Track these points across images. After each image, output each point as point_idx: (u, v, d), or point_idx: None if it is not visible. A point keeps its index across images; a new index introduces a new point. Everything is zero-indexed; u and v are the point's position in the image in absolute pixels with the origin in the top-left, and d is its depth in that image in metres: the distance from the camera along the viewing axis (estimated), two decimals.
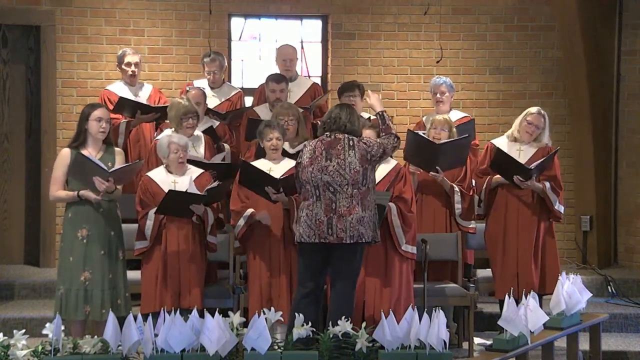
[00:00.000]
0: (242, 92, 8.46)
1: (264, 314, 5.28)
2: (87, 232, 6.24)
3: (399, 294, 6.41)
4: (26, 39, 8.92)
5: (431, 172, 7.01)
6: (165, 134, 7.07)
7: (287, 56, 8.19)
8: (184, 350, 5.12)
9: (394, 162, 6.64)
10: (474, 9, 9.24)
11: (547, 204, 6.93)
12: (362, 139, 5.98)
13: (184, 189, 6.52)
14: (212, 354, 5.10)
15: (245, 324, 5.37)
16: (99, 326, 6.14)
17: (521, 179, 6.81)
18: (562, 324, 5.97)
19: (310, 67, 9.36)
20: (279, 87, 7.74)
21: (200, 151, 7.25)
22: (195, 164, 6.83)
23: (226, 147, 7.69)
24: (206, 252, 6.68)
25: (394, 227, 6.44)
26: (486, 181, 7.04)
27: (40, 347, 5.16)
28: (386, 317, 5.23)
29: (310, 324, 5.37)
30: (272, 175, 6.46)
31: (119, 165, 6.32)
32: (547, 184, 6.91)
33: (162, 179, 6.61)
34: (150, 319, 5.16)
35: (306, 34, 9.37)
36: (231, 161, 7.54)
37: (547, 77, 9.28)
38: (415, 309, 5.38)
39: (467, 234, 7.23)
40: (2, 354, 5.10)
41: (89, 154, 6.20)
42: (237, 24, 9.31)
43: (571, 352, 6.24)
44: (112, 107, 7.73)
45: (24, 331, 5.24)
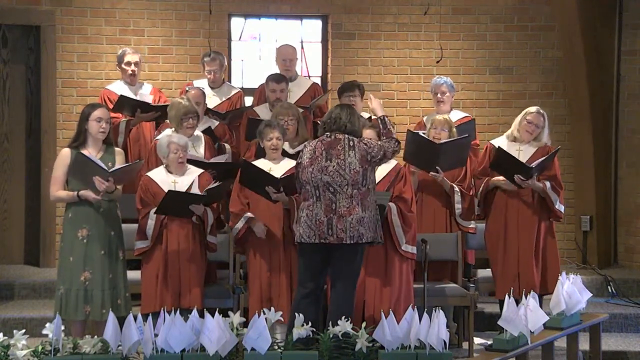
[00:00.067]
0: (242, 92, 8.46)
1: (264, 314, 5.28)
2: (87, 232, 6.24)
3: (399, 294, 6.41)
4: (26, 39, 8.91)
5: (431, 172, 7.01)
6: (165, 134, 7.06)
7: (287, 56, 8.19)
8: (184, 350, 5.12)
9: (394, 162, 6.63)
10: (474, 9, 9.24)
11: (547, 203, 6.93)
12: (362, 140, 5.98)
13: (184, 189, 6.52)
14: (212, 354, 5.09)
15: (245, 324, 5.36)
16: (99, 326, 6.14)
17: (522, 178, 6.82)
18: (562, 324, 5.96)
19: (310, 67, 9.36)
20: (279, 87, 7.74)
21: (200, 151, 7.24)
22: (195, 163, 6.82)
23: (227, 147, 7.69)
24: (206, 252, 6.68)
25: (394, 227, 6.44)
26: (483, 183, 7.05)
27: (40, 347, 5.16)
28: (386, 317, 5.23)
29: (310, 324, 5.37)
30: (273, 174, 6.46)
31: (119, 165, 6.31)
32: (548, 184, 6.91)
33: (162, 179, 6.61)
34: (150, 319, 5.15)
35: (306, 34, 9.36)
36: (231, 161, 7.54)
37: (547, 77, 9.27)
38: (415, 309, 5.37)
39: (467, 234, 7.23)
40: (2, 354, 5.10)
41: (89, 154, 6.20)
42: (237, 24, 9.30)
43: (571, 352, 6.23)
44: (112, 106, 7.74)
45: (24, 331, 5.23)
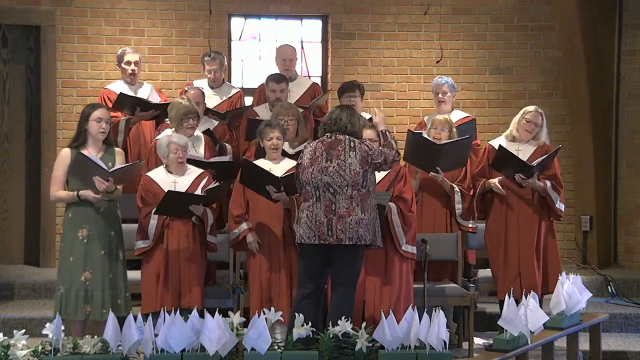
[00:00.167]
0: (242, 92, 8.46)
1: (264, 314, 5.28)
2: (88, 232, 6.24)
3: (399, 294, 6.41)
4: (26, 39, 8.91)
5: (431, 173, 7.01)
6: (165, 134, 7.06)
7: (286, 56, 8.19)
8: (184, 350, 5.12)
9: None
10: (474, 9, 9.24)
11: (548, 202, 6.94)
12: (364, 142, 5.98)
13: (184, 189, 6.52)
14: (212, 354, 5.09)
15: (245, 324, 5.36)
16: (99, 326, 6.13)
17: (523, 176, 6.82)
18: (562, 324, 5.96)
19: (310, 67, 9.36)
20: (279, 87, 7.74)
21: (200, 151, 7.24)
22: (195, 163, 6.82)
23: (228, 148, 7.69)
24: (206, 251, 6.68)
25: (394, 226, 6.44)
26: (480, 184, 7.05)
27: (40, 347, 5.16)
28: (386, 317, 5.23)
29: (310, 324, 5.37)
30: (273, 174, 6.46)
31: (119, 165, 6.31)
32: (548, 183, 6.92)
33: (162, 179, 6.61)
34: (150, 319, 5.15)
35: (306, 34, 9.36)
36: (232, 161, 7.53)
37: (547, 77, 9.28)
38: (415, 309, 5.37)
39: (468, 234, 7.23)
40: (2, 354, 5.10)
41: (89, 154, 6.20)
42: (237, 24, 9.30)
43: (571, 352, 6.23)
44: (111, 106, 7.73)
45: (24, 331, 5.23)
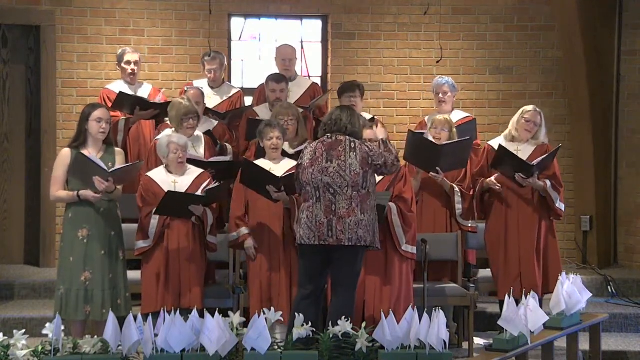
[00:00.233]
0: (242, 92, 8.46)
1: (264, 314, 5.28)
2: (88, 232, 6.24)
3: (399, 294, 6.40)
4: (26, 39, 8.91)
5: (431, 173, 7.00)
6: (165, 134, 7.06)
7: (286, 56, 8.19)
8: (184, 350, 5.12)
9: None
10: (474, 9, 9.24)
11: (548, 202, 6.94)
12: (364, 143, 5.98)
13: (184, 188, 6.52)
14: (212, 354, 5.09)
15: (245, 324, 5.36)
16: (99, 326, 6.13)
17: (523, 176, 6.82)
18: (562, 324, 5.96)
19: (310, 67, 9.36)
20: (279, 87, 7.74)
21: (200, 151, 7.23)
22: (195, 163, 6.81)
23: (229, 148, 7.69)
24: (206, 251, 6.67)
25: (394, 226, 6.43)
26: (479, 184, 7.06)
27: (40, 347, 5.16)
28: (386, 317, 5.23)
29: (310, 324, 5.37)
30: (274, 173, 6.46)
31: (119, 165, 6.31)
32: (548, 182, 6.92)
33: (162, 179, 6.61)
34: (150, 319, 5.15)
35: (306, 34, 9.36)
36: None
37: (547, 77, 9.28)
38: (415, 309, 5.37)
39: (468, 234, 7.23)
40: (2, 354, 5.10)
41: (89, 154, 6.19)
42: (237, 24, 9.30)
43: (571, 352, 6.23)
44: (111, 105, 7.72)
45: (24, 331, 5.23)
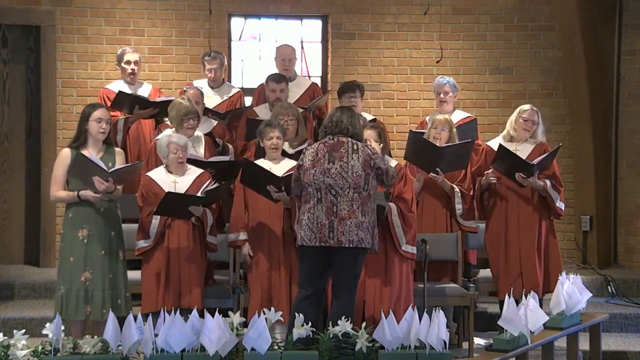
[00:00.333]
0: (242, 92, 8.46)
1: (264, 314, 5.28)
2: (88, 232, 6.24)
3: (399, 294, 6.40)
4: (26, 39, 8.91)
5: (431, 174, 7.00)
6: (165, 134, 7.06)
7: (285, 56, 8.19)
8: (184, 350, 5.12)
9: (394, 162, 6.63)
10: (474, 9, 9.24)
11: (548, 201, 6.94)
12: (367, 145, 5.98)
13: (184, 188, 6.52)
14: (212, 354, 5.09)
15: (245, 324, 5.36)
16: (99, 326, 6.13)
17: (523, 175, 6.82)
18: (562, 324, 5.96)
19: (310, 67, 9.36)
20: (279, 87, 7.74)
21: (200, 151, 7.23)
22: (195, 163, 6.81)
23: (230, 148, 7.69)
24: (206, 252, 6.67)
25: (395, 227, 6.43)
26: (477, 184, 7.06)
27: (40, 347, 5.16)
28: (386, 317, 5.23)
29: (310, 324, 5.37)
30: (274, 173, 6.46)
31: (119, 165, 6.31)
32: (548, 182, 6.92)
33: (162, 179, 6.60)
34: (150, 319, 5.15)
35: (306, 34, 9.36)
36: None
37: (547, 77, 9.28)
38: (415, 309, 5.37)
39: (468, 234, 7.22)
40: (2, 354, 5.10)
41: (89, 154, 6.20)
42: (237, 24, 9.30)
43: (571, 352, 6.23)
44: (110, 104, 7.71)
45: (24, 331, 5.23)
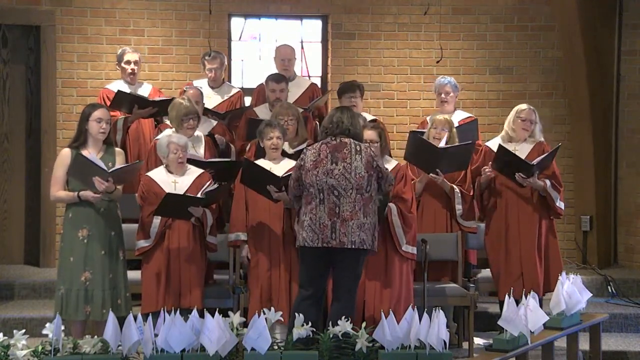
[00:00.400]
0: (242, 92, 8.45)
1: (264, 314, 5.28)
2: (88, 232, 6.24)
3: (399, 294, 6.40)
4: (26, 39, 8.91)
5: (431, 174, 7.00)
6: (165, 134, 7.06)
7: (285, 56, 8.18)
8: (184, 350, 5.12)
9: (394, 162, 6.63)
10: (474, 9, 9.24)
11: (548, 201, 6.94)
12: (369, 146, 5.98)
13: (184, 189, 6.52)
14: (212, 354, 5.09)
15: (245, 324, 5.37)
16: (99, 326, 6.13)
17: (523, 176, 6.82)
18: (562, 324, 5.96)
19: (310, 67, 9.36)
20: (278, 87, 7.73)
21: (200, 151, 7.23)
22: (195, 163, 6.81)
23: (232, 148, 7.68)
24: (206, 252, 6.67)
25: (394, 227, 6.43)
26: (476, 183, 7.06)
27: (40, 347, 5.16)
28: (386, 317, 5.23)
29: (310, 324, 5.36)
30: (274, 173, 6.45)
31: (119, 165, 6.31)
32: (548, 182, 6.92)
33: (162, 179, 6.60)
34: (150, 319, 5.16)
35: (306, 34, 9.36)
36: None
37: (547, 77, 9.27)
38: (415, 309, 5.37)
39: (468, 234, 7.22)
40: (2, 354, 5.10)
41: (89, 154, 6.19)
42: (237, 24, 9.30)
43: (571, 352, 6.23)
44: (109, 104, 7.70)
45: (24, 331, 5.23)
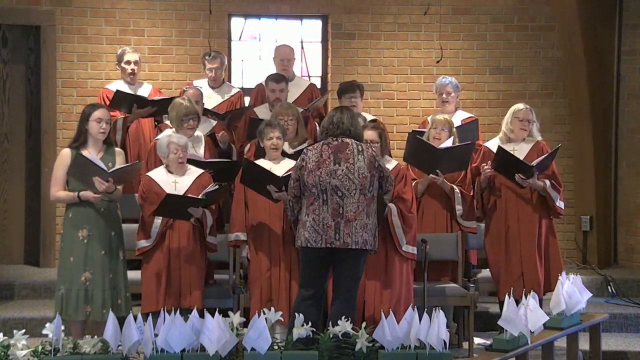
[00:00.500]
0: (242, 92, 8.45)
1: (264, 314, 5.28)
2: (88, 232, 6.24)
3: (399, 294, 6.40)
4: (26, 39, 8.92)
5: (431, 175, 7.00)
6: (165, 134, 7.06)
7: (284, 56, 8.18)
8: (184, 350, 5.12)
9: (394, 163, 6.63)
10: (474, 9, 9.24)
11: (548, 201, 6.94)
12: (370, 146, 5.98)
13: (185, 189, 6.52)
14: (212, 354, 5.09)
15: (245, 324, 5.37)
16: (99, 326, 6.14)
17: (523, 176, 6.82)
18: (562, 324, 5.96)
19: (310, 67, 9.36)
20: (278, 87, 7.73)
21: (200, 152, 7.23)
22: (195, 163, 6.81)
23: (233, 148, 7.68)
24: (206, 252, 6.67)
25: (395, 227, 6.43)
26: (476, 183, 7.06)
27: (40, 347, 5.16)
28: (386, 317, 5.23)
29: (310, 324, 5.36)
30: (275, 173, 6.45)
31: (119, 165, 6.31)
32: (547, 182, 6.92)
33: (162, 179, 6.60)
34: (150, 319, 5.16)
35: (306, 34, 9.36)
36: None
37: (547, 77, 9.28)
38: (415, 309, 5.37)
39: (468, 234, 7.22)
40: (2, 354, 5.10)
41: (89, 154, 6.19)
42: (237, 24, 9.30)
43: (571, 352, 6.23)
44: (109, 104, 7.70)
45: (24, 331, 5.23)
